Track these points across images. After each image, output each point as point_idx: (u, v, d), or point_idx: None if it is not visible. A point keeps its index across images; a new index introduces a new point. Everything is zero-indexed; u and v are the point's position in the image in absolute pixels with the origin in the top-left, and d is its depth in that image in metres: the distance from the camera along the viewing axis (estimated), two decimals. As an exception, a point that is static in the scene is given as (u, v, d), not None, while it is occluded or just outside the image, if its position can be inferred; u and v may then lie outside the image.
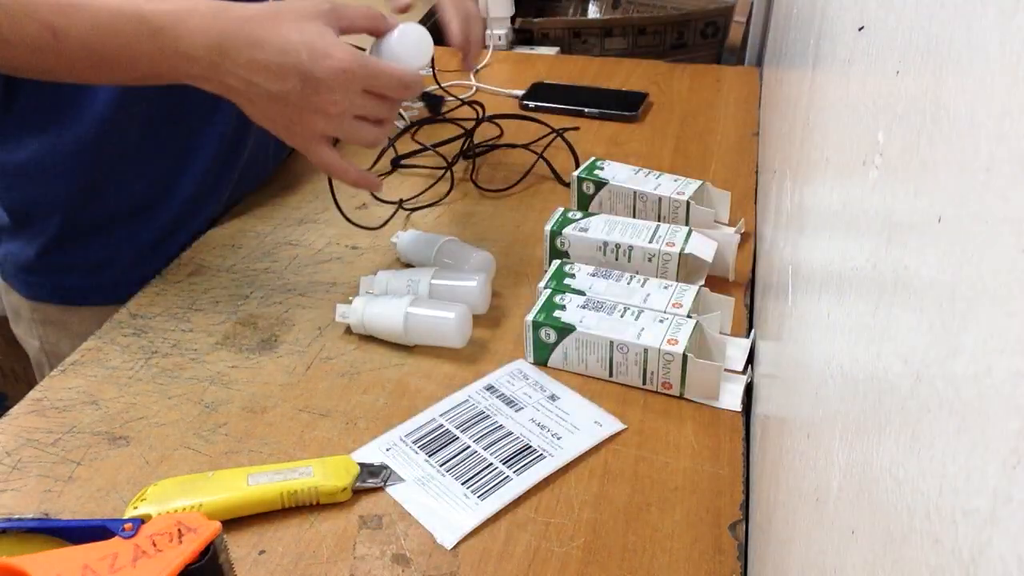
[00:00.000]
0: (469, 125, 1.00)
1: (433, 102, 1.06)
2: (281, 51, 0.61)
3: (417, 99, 1.10)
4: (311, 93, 0.62)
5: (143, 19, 0.61)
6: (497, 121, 1.04)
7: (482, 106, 1.05)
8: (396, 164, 0.96)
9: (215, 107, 0.84)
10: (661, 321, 0.65)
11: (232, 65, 0.62)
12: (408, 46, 0.68)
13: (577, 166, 0.95)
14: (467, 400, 0.64)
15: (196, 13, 0.61)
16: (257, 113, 0.65)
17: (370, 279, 0.75)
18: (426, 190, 0.91)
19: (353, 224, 0.82)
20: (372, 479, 0.57)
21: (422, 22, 0.76)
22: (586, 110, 1.08)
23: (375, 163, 0.96)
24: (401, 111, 1.10)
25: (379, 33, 0.68)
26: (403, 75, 0.65)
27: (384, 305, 0.69)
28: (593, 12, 1.70)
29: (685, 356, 0.62)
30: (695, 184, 0.81)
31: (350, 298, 0.72)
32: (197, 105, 0.82)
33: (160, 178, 0.83)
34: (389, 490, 0.57)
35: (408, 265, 0.80)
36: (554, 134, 0.98)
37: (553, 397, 0.65)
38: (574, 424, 0.62)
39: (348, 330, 0.72)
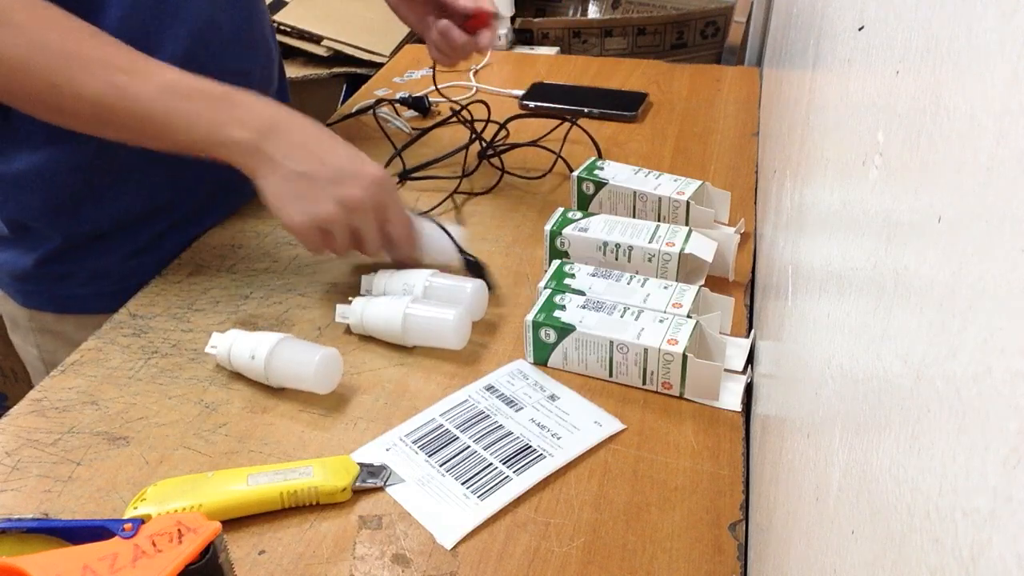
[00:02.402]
0: (468, 131, 1.00)
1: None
2: (327, 143, 0.69)
3: (406, 107, 1.10)
4: (335, 183, 0.68)
5: (207, 86, 0.67)
6: (495, 120, 1.04)
7: (488, 108, 1.05)
8: (405, 177, 0.95)
9: None
10: (661, 321, 0.65)
11: (282, 138, 0.68)
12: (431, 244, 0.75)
13: (598, 152, 0.95)
14: (467, 400, 0.64)
15: (257, 96, 0.69)
16: (273, 183, 0.68)
17: (370, 277, 0.75)
18: (438, 205, 0.91)
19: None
20: (372, 479, 0.57)
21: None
22: (586, 110, 1.08)
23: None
24: (399, 114, 1.10)
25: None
26: (412, 223, 0.72)
27: (383, 306, 0.69)
28: (593, 12, 1.70)
29: (685, 356, 0.62)
30: (695, 184, 0.81)
31: (349, 298, 0.72)
32: None
33: (159, 189, 0.83)
34: (389, 490, 0.57)
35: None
36: (567, 123, 0.98)
37: (553, 397, 0.65)
38: (574, 424, 0.62)
39: (348, 330, 0.72)
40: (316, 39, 1.53)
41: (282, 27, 1.52)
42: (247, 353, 0.65)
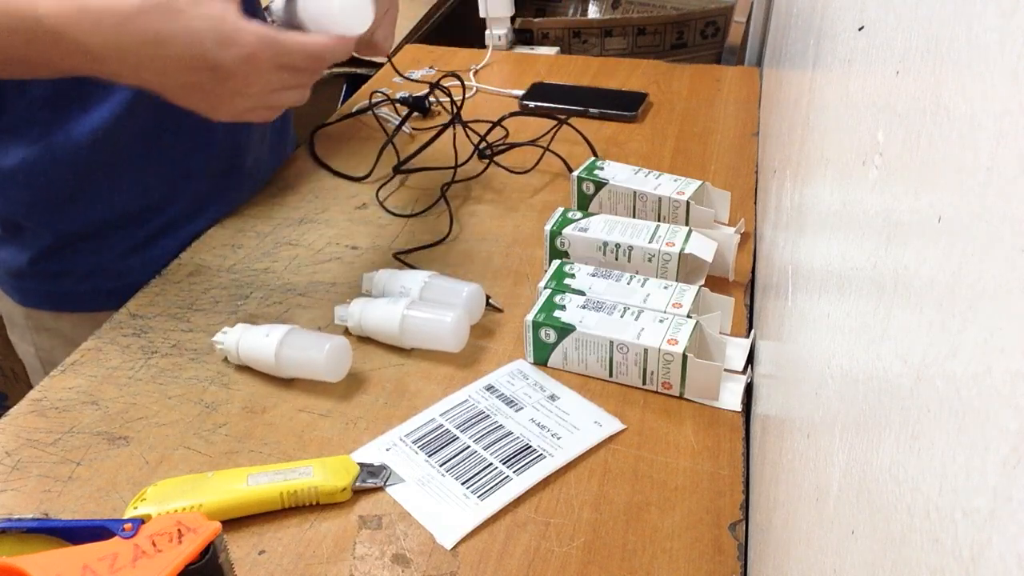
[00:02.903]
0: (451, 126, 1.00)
1: (417, 103, 1.02)
2: (185, 44, 0.59)
3: (406, 106, 1.10)
4: (223, 80, 0.60)
5: (39, 21, 0.58)
6: (485, 119, 1.04)
7: (460, 84, 1.05)
8: (396, 170, 0.95)
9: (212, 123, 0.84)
10: (661, 321, 0.65)
11: (137, 61, 0.60)
12: (330, 12, 0.64)
13: (593, 152, 0.95)
14: (467, 400, 0.64)
15: (87, 13, 0.58)
16: (180, 101, 0.63)
17: (371, 276, 0.75)
18: (433, 204, 0.91)
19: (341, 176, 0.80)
20: (372, 479, 0.57)
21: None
22: (586, 110, 1.08)
23: (371, 170, 0.96)
24: (397, 112, 1.10)
25: None
26: (315, 48, 0.62)
27: (381, 308, 0.69)
28: (593, 12, 1.70)
29: (685, 356, 0.62)
30: (695, 184, 0.81)
31: (348, 300, 0.72)
32: (193, 117, 0.82)
33: (155, 186, 0.82)
34: (389, 490, 0.57)
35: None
36: (559, 124, 0.98)
37: (553, 397, 0.65)
38: (574, 424, 0.62)
39: (347, 331, 0.72)
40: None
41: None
42: (260, 335, 0.66)
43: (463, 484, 0.57)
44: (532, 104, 1.11)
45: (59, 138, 0.75)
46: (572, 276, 0.71)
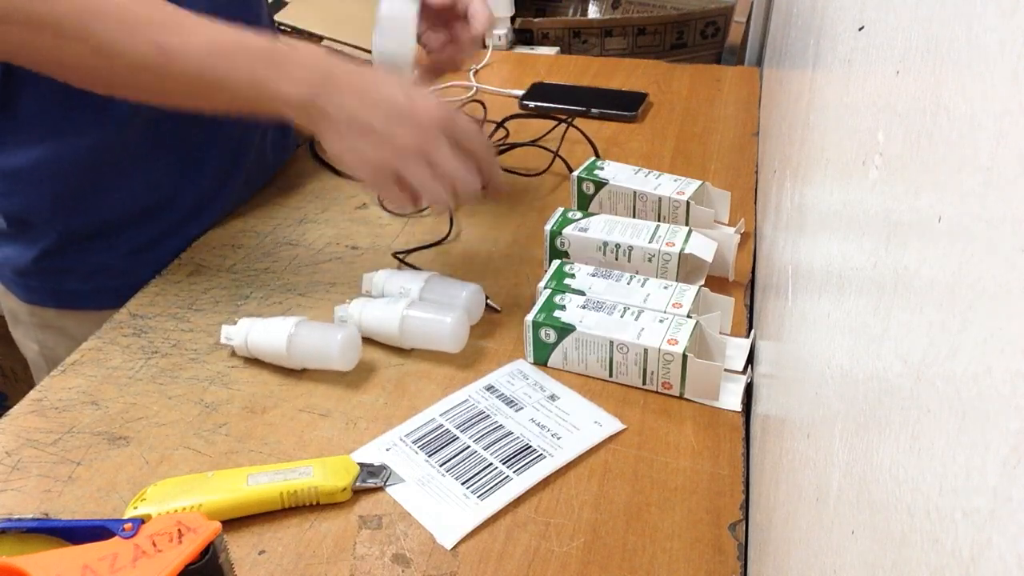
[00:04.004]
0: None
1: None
2: (383, 86, 0.65)
3: None
4: (395, 125, 0.64)
5: (255, 44, 0.64)
6: (492, 120, 1.04)
7: (484, 109, 1.05)
8: None
9: (219, 119, 0.84)
10: (661, 321, 0.65)
11: (334, 90, 0.64)
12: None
13: (596, 152, 0.95)
14: (467, 400, 0.64)
15: (306, 46, 0.66)
16: (340, 142, 0.66)
17: (370, 276, 0.75)
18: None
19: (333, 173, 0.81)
20: (372, 479, 0.57)
21: None
22: (586, 110, 1.08)
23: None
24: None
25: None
26: (483, 139, 0.68)
27: (381, 309, 0.69)
28: (593, 12, 1.70)
29: (685, 356, 0.62)
30: (695, 184, 0.81)
31: (348, 300, 0.72)
32: (200, 116, 0.82)
33: (161, 185, 0.83)
34: (389, 490, 0.57)
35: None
36: (564, 124, 0.98)
37: (553, 397, 0.65)
38: (574, 424, 0.62)
39: (348, 330, 0.72)
40: (316, 39, 1.53)
41: (282, 27, 1.51)
42: (271, 326, 0.67)
43: (463, 484, 0.57)
44: (532, 104, 1.11)
45: (69, 137, 0.75)
46: (572, 276, 0.71)
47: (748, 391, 0.65)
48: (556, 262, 0.74)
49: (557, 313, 0.67)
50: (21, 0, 0.60)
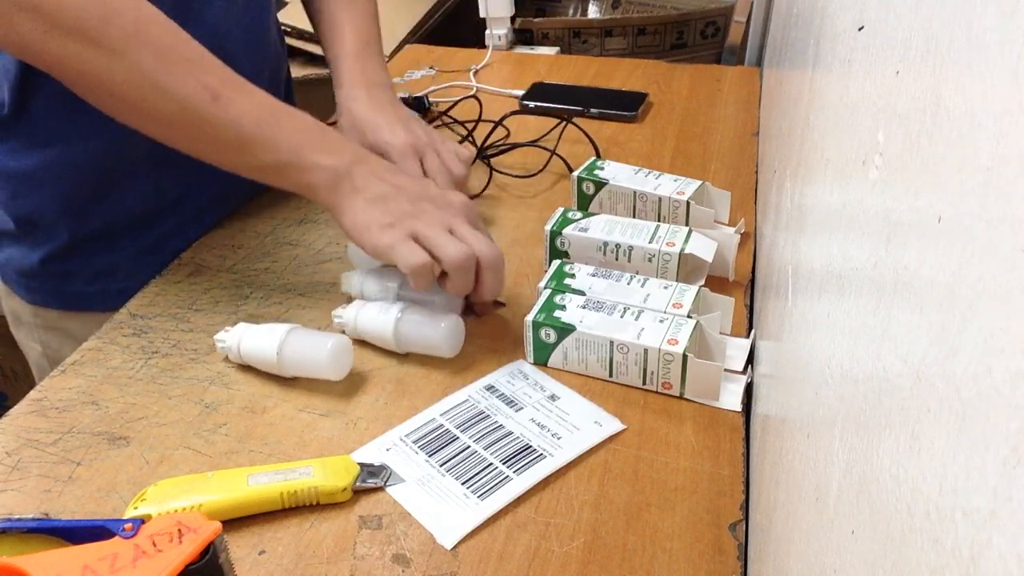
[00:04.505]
0: (470, 127, 1.00)
1: (417, 103, 1.06)
2: (414, 179, 0.70)
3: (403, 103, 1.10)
4: (422, 201, 0.67)
5: (301, 114, 0.68)
6: (491, 120, 1.04)
7: (479, 103, 1.05)
8: None
9: None
10: (661, 321, 0.65)
11: (368, 168, 0.68)
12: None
13: (596, 151, 0.95)
14: (467, 400, 0.64)
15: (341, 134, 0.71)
16: (362, 213, 0.67)
17: (349, 275, 0.74)
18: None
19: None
20: (372, 479, 0.57)
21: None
22: (586, 110, 1.08)
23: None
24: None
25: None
26: (493, 250, 0.68)
27: (375, 313, 0.68)
28: (593, 12, 1.70)
29: (685, 356, 0.62)
30: (695, 184, 0.81)
31: (345, 303, 0.72)
32: None
33: (168, 188, 0.83)
34: (389, 490, 0.57)
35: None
36: (563, 122, 0.98)
37: (553, 397, 0.65)
38: (574, 424, 0.62)
39: (345, 332, 0.72)
40: (316, 39, 1.53)
41: (283, 27, 1.52)
42: (261, 334, 0.66)
43: (463, 484, 0.57)
44: (532, 104, 1.11)
45: (79, 140, 0.76)
46: (572, 276, 0.71)
47: (748, 391, 0.65)
48: (556, 262, 0.74)
49: (557, 313, 0.67)
50: (78, 10, 0.59)
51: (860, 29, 0.38)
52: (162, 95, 0.63)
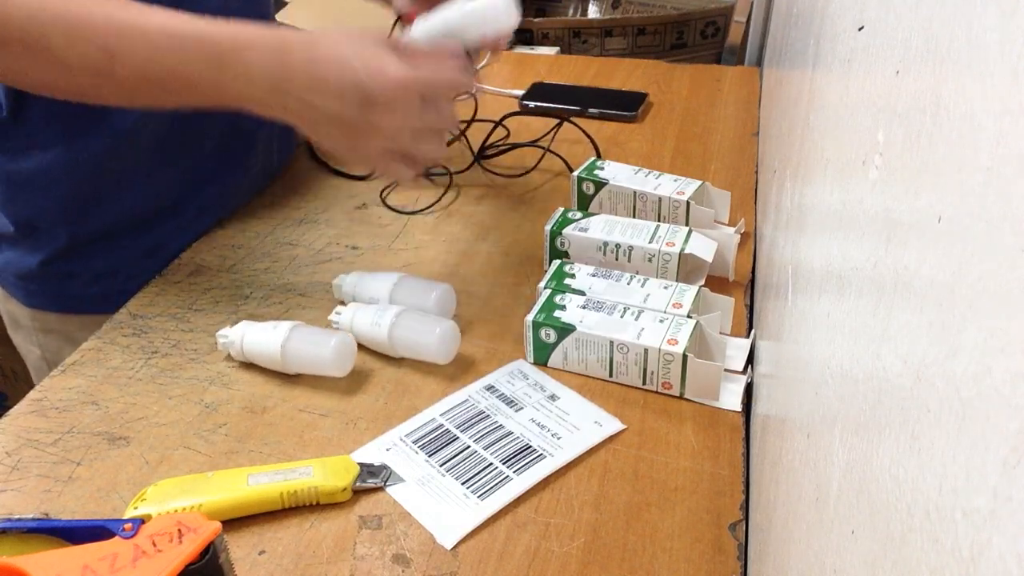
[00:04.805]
0: (465, 127, 1.00)
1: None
2: (339, 69, 0.61)
3: None
4: (369, 112, 0.61)
5: (204, 42, 0.60)
6: (491, 120, 1.04)
7: (475, 101, 1.05)
8: None
9: (226, 123, 0.84)
10: (661, 321, 0.65)
11: (293, 88, 0.61)
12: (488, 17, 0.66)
13: (596, 151, 0.95)
14: (467, 400, 0.64)
15: (259, 37, 0.61)
16: (320, 134, 0.64)
17: (340, 281, 0.74)
18: (435, 203, 0.91)
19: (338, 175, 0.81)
20: (372, 479, 0.57)
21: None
22: (586, 110, 1.08)
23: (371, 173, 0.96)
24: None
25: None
26: (452, 78, 0.64)
27: (370, 318, 0.68)
28: (593, 12, 1.70)
29: (685, 356, 0.62)
30: (695, 184, 0.81)
31: (341, 306, 0.72)
32: (213, 120, 0.82)
33: (168, 190, 0.83)
34: (389, 490, 0.57)
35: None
36: (559, 122, 0.98)
37: (553, 397, 0.65)
38: (574, 424, 0.62)
39: (348, 330, 0.72)
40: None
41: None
42: (265, 331, 0.66)
43: (463, 484, 0.57)
44: (532, 104, 1.11)
45: (78, 143, 0.75)
46: (572, 276, 0.71)
47: (748, 391, 0.65)
48: (556, 262, 0.74)
49: (557, 313, 0.67)
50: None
51: (860, 29, 0.38)
52: (68, 72, 0.61)
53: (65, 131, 0.75)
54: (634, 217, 0.81)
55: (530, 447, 0.60)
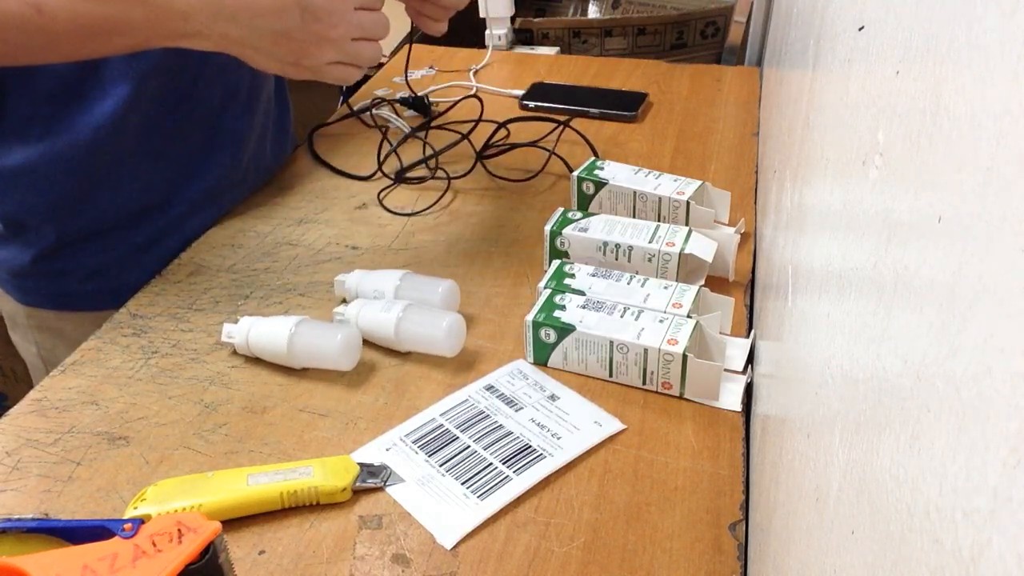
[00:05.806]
0: (469, 128, 1.00)
1: (419, 104, 1.06)
2: None
3: (406, 107, 1.10)
4: (311, 22, 0.62)
5: None
6: (493, 120, 1.04)
7: (481, 103, 1.05)
8: (400, 178, 0.94)
9: (216, 114, 0.84)
10: (661, 321, 0.65)
11: (230, 12, 0.61)
12: None
13: (594, 153, 0.95)
14: (467, 400, 0.64)
15: None
16: (262, 58, 0.64)
17: (343, 279, 0.74)
18: (433, 204, 0.91)
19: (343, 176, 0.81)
20: (372, 479, 0.57)
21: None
22: (586, 110, 1.08)
23: (374, 173, 0.96)
24: (397, 114, 1.10)
25: None
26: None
27: (377, 312, 0.68)
28: (593, 12, 1.70)
29: (685, 356, 0.62)
30: (695, 184, 0.81)
31: (344, 303, 0.72)
32: (198, 114, 0.82)
33: (157, 185, 0.82)
34: (389, 490, 0.57)
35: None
36: (560, 126, 0.98)
37: (553, 397, 0.65)
38: (574, 424, 0.62)
39: (348, 330, 0.72)
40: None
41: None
42: (272, 325, 0.66)
43: (463, 484, 0.57)
44: (532, 104, 1.11)
45: (61, 136, 0.75)
46: (572, 276, 0.71)
47: (748, 391, 0.65)
48: (556, 262, 0.74)
49: (557, 313, 0.67)
50: None
51: (860, 29, 0.38)
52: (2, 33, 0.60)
53: (47, 127, 0.75)
54: (634, 217, 0.81)
55: (530, 447, 0.60)
